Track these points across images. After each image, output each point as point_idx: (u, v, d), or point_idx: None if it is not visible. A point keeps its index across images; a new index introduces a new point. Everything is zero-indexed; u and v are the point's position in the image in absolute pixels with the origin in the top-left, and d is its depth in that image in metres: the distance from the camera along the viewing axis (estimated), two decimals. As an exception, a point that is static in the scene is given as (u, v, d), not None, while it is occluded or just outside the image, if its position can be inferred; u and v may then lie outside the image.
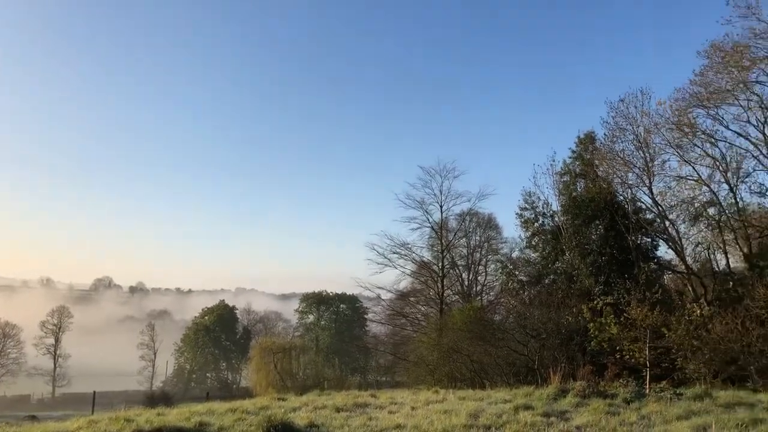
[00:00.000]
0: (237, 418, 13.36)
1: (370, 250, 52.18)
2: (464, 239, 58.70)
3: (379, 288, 53.73)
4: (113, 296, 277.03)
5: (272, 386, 56.52)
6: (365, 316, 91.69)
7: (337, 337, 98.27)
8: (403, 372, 49.38)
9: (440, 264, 53.19)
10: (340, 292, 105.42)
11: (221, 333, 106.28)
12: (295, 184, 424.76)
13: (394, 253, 52.53)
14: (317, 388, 28.24)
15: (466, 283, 57.74)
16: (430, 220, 53.68)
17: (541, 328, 29.51)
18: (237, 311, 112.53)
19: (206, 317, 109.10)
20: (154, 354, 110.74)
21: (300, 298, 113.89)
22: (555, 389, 16.65)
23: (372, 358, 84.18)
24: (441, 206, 53.22)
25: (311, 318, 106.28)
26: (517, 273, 42.91)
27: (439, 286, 51.81)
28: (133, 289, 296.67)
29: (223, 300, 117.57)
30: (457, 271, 57.78)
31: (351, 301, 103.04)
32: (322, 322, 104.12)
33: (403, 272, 54.29)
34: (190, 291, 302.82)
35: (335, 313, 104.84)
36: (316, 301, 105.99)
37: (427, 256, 55.86)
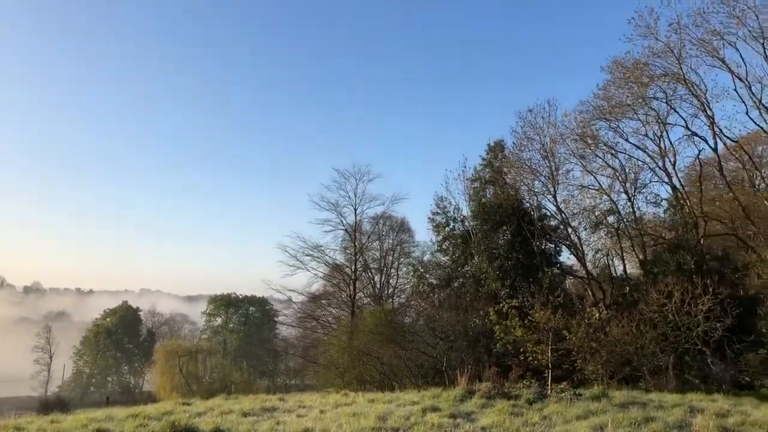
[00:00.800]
0: (138, 424, 12.84)
1: (282, 252, 51.62)
2: (377, 242, 59.19)
3: (291, 290, 53.19)
4: (5, 296, 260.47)
5: (177, 391, 54.75)
6: (275, 319, 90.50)
7: (245, 340, 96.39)
8: (313, 375, 49.10)
9: (353, 267, 53.28)
10: (250, 294, 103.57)
11: (124, 335, 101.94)
12: (204, 184, 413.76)
13: (307, 255, 52.19)
14: (224, 392, 27.60)
15: (378, 285, 58.14)
16: (344, 222, 53.72)
17: (450, 330, 30.08)
18: (141, 313, 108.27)
19: (108, 319, 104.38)
20: (50, 357, 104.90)
21: (208, 299, 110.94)
22: (462, 390, 16.98)
23: (281, 361, 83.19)
24: (355, 209, 53.39)
25: (219, 320, 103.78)
26: (427, 276, 43.62)
27: (352, 288, 51.85)
28: (27, 289, 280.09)
29: (126, 301, 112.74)
30: (369, 273, 58.06)
31: (261, 303, 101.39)
32: (231, 325, 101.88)
33: (315, 275, 54.00)
34: (91, 291, 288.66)
35: (244, 316, 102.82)
36: (225, 303, 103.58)
37: (340, 258, 55.88)
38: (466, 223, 39.30)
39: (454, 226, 40.41)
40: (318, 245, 52.95)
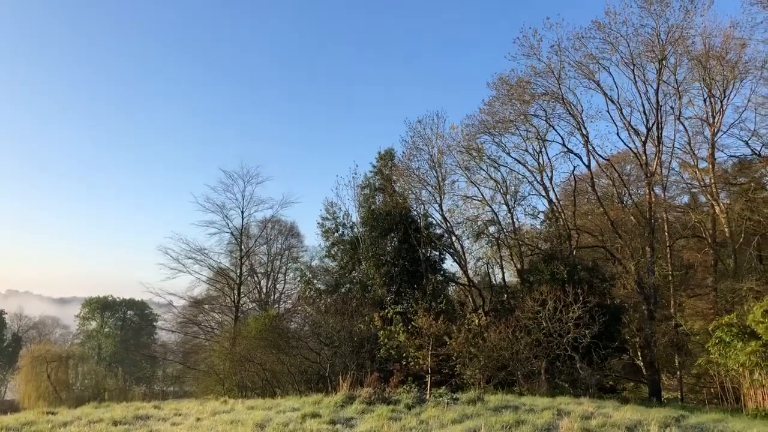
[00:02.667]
0: (-8, 438, 11.94)
1: (164, 254, 49.71)
2: (265, 246, 58.25)
3: (171, 294, 51.22)
4: None
5: (44, 399, 51.21)
6: (155, 324, 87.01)
7: (122, 345, 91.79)
8: (193, 382, 47.53)
9: (238, 271, 52.15)
10: (128, 297, 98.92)
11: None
12: (79, 184, 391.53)
13: (190, 258, 50.51)
14: (96, 400, 26.16)
15: (265, 290, 57.22)
16: (230, 225, 52.45)
17: (335, 336, 30.09)
18: (6, 316, 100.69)
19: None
20: None
21: (82, 302, 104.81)
22: (343, 396, 17.05)
23: (160, 367, 79.93)
24: (242, 212, 52.30)
25: (94, 324, 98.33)
26: (315, 281, 43.43)
27: (236, 293, 50.71)
28: None
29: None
30: (255, 278, 57.05)
31: (140, 307, 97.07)
32: (106, 329, 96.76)
33: (198, 278, 52.36)
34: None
35: (122, 320, 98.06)
36: (101, 306, 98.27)
37: (225, 262, 54.47)
38: (355, 230, 39.53)
39: (343, 232, 40.52)
40: (202, 248, 51.46)
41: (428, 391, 19.13)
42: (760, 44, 34.90)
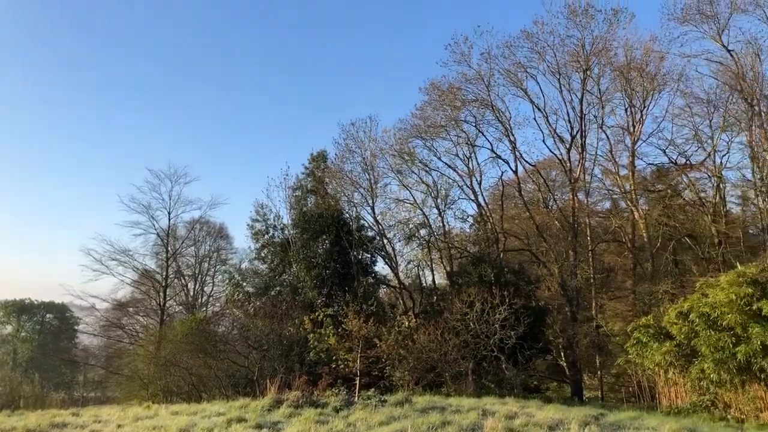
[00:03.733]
0: None
1: (86, 256, 48.02)
2: (193, 248, 57.05)
3: (94, 297, 49.52)
4: None
5: (-48, 409, 48.50)
6: (76, 327, 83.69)
7: (40, 350, 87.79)
8: (116, 387, 46.05)
9: (164, 273, 50.86)
10: (47, 300, 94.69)
11: None
12: None
13: (113, 259, 49.01)
14: (9, 408, 25.00)
15: (192, 293, 56.06)
16: (156, 226, 51.13)
17: (264, 339, 29.77)
18: None
19: None
20: None
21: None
22: (270, 400, 16.88)
23: (81, 372, 76.95)
24: (169, 212, 51.08)
25: (9, 328, 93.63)
26: (244, 284, 42.82)
27: (162, 296, 49.46)
28: None
29: None
30: (182, 281, 55.81)
31: (60, 310, 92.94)
32: (23, 334, 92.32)
33: (122, 281, 50.84)
34: None
35: (40, 323, 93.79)
36: (17, 309, 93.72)
37: (151, 264, 53.03)
38: (286, 232, 39.23)
39: (273, 234, 40.13)
40: (126, 249, 50.00)
41: (357, 394, 19.18)
42: (677, 58, 36.72)
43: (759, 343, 14.74)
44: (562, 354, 35.66)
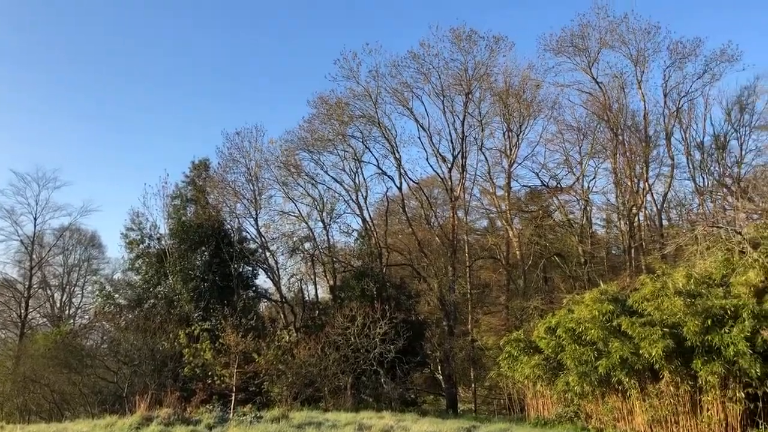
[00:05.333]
0: None
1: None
2: (61, 256, 53.47)
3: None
4: None
5: None
6: None
7: None
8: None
9: (27, 283, 47.35)
10: None
11: None
12: None
13: (-33, 266, 45.03)
14: None
15: (59, 305, 52.51)
16: (20, 232, 47.64)
17: (135, 354, 28.41)
18: None
19: None
20: None
21: None
22: (139, 418, 16.12)
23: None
24: (35, 218, 47.78)
25: None
26: (116, 296, 40.64)
27: (23, 307, 45.96)
28: None
29: None
30: (48, 291, 52.18)
31: None
32: None
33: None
34: None
35: None
36: None
37: (12, 273, 49.21)
38: (163, 242, 37.65)
39: (149, 244, 38.37)
40: (-19, 256, 46.13)
41: (232, 410, 18.69)
42: (551, 87, 39.03)
43: (618, 356, 15.76)
44: (439, 367, 36.55)
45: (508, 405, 27.43)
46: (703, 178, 39.45)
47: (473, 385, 36.29)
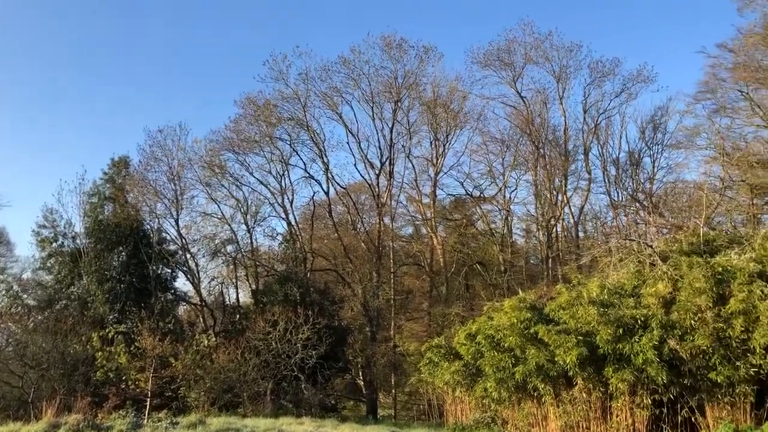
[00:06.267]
0: None
1: None
2: (-37, 253, 50.40)
3: None
4: None
5: None
6: None
7: None
8: None
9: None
10: None
11: None
12: None
13: None
14: None
15: (-42, 305, 49.43)
16: None
17: (44, 357, 27.09)
18: None
19: None
20: None
21: None
22: (46, 425, 15.36)
23: None
24: (-64, 212, 44.82)
25: None
26: (24, 296, 38.65)
27: None
28: None
29: None
30: (-52, 289, 49.04)
31: None
32: None
33: None
34: None
35: None
36: None
37: None
38: (78, 241, 36.12)
39: (63, 243, 36.70)
40: None
41: (147, 416, 18.10)
42: (478, 99, 39.95)
43: (534, 363, 16.20)
44: (361, 373, 36.58)
45: (428, 410, 27.76)
46: (618, 193, 41.28)
47: (394, 391, 36.53)
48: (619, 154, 41.27)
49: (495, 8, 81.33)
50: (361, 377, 36.70)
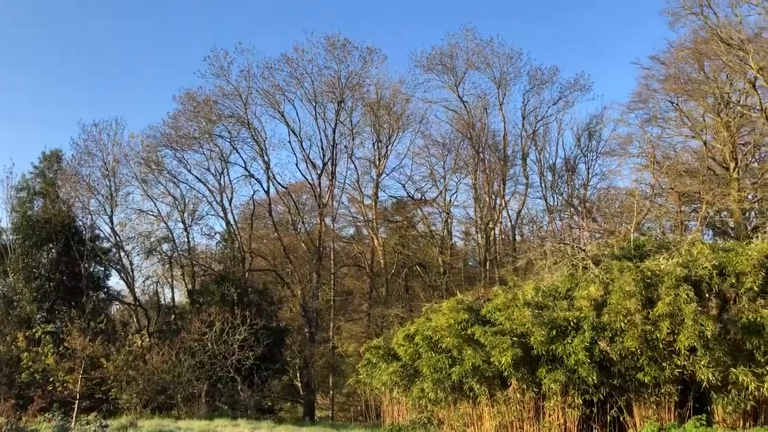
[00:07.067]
0: None
1: None
2: None
3: None
4: None
5: None
6: None
7: None
8: None
9: None
10: None
11: None
12: None
13: None
14: None
15: None
16: None
17: (-37, 358, 25.86)
18: None
19: None
20: None
21: None
22: (-35, 429, 14.68)
23: None
24: None
25: None
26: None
27: None
28: None
29: None
30: None
31: None
32: None
33: None
34: None
35: None
36: None
37: None
38: (4, 236, 34.59)
39: (-13, 239, 35.14)
40: None
41: (75, 419, 17.51)
42: (420, 102, 40.39)
43: (470, 364, 16.41)
44: (298, 374, 36.36)
45: (365, 412, 27.76)
46: (554, 198, 42.40)
47: (332, 392, 36.48)
48: (555, 160, 42.46)
49: (440, 12, 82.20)
50: (298, 379, 36.47)
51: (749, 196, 33.58)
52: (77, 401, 20.66)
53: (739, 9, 30.51)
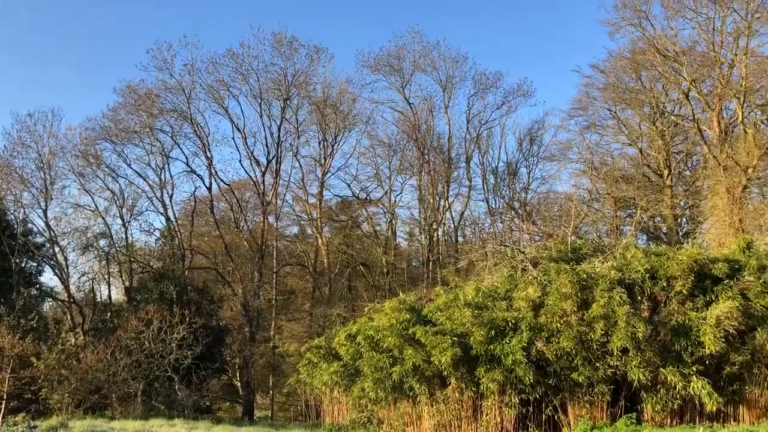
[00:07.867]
0: None
1: None
2: None
3: None
4: None
5: None
6: None
7: None
8: None
9: None
10: None
11: None
12: None
13: None
14: None
15: None
16: None
17: None
18: None
19: None
20: None
21: None
22: None
23: None
24: None
25: None
26: None
27: None
28: None
29: None
30: None
31: None
32: None
33: None
34: None
35: None
36: None
37: None
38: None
39: None
40: None
41: (1, 420, 16.87)
42: (367, 102, 40.51)
43: (411, 363, 16.56)
44: (238, 374, 35.93)
45: (305, 411, 27.67)
46: (496, 201, 43.17)
47: (272, 392, 36.17)
48: (498, 163, 43.27)
49: (388, 12, 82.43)
50: (238, 378, 36.04)
51: (681, 203, 35.03)
52: (4, 401, 19.89)
53: (675, 22, 31.82)
